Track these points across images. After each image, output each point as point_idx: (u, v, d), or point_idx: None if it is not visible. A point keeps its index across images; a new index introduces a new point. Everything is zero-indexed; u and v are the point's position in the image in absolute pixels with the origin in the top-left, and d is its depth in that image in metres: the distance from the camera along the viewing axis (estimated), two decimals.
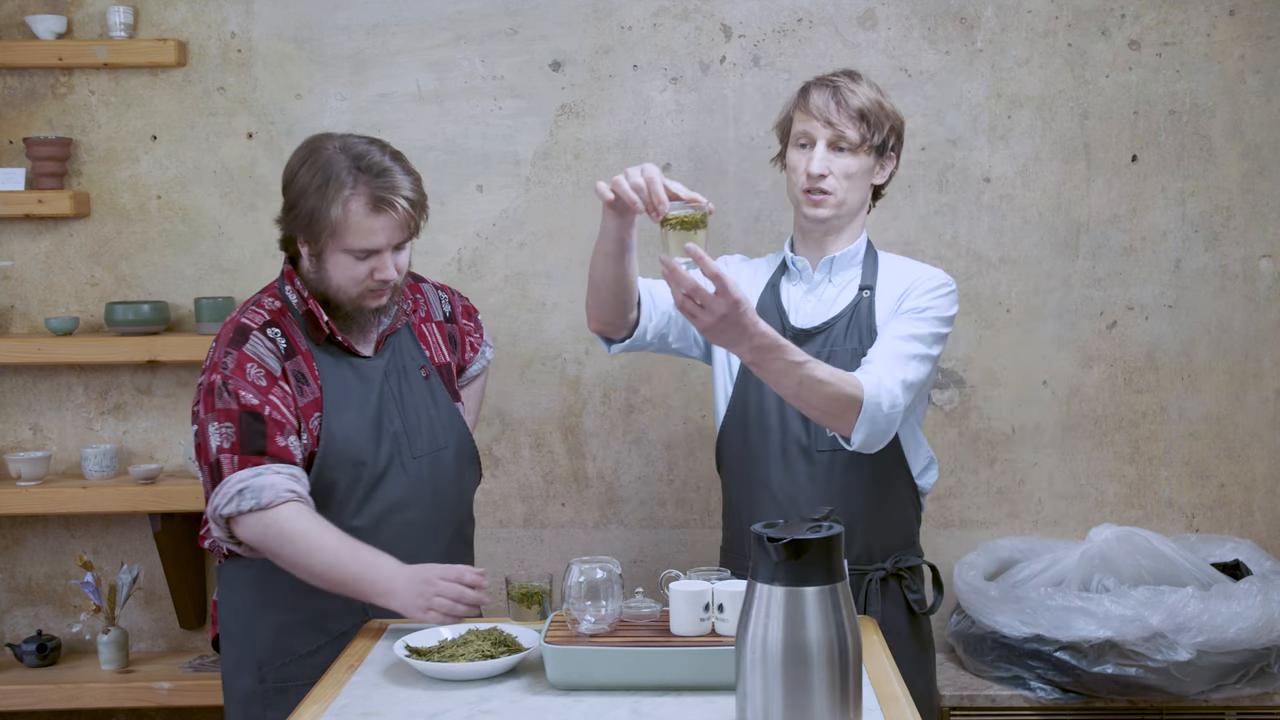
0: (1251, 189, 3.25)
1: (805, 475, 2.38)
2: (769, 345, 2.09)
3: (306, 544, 2.17)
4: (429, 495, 2.38)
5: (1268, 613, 2.78)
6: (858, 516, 2.38)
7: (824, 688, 1.61)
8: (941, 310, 2.37)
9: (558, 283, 3.30)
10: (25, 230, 3.32)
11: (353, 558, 2.17)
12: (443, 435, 2.41)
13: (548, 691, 1.93)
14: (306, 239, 2.29)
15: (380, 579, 2.15)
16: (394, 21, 3.27)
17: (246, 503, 2.18)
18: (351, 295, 2.30)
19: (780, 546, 1.61)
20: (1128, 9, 3.22)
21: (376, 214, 2.23)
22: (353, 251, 2.25)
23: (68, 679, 3.21)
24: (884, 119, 2.39)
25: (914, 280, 2.41)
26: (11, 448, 3.34)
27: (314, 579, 2.20)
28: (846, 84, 2.38)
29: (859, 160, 2.38)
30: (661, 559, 3.32)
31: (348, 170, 2.23)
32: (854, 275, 2.45)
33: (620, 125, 3.27)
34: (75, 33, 3.28)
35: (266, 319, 2.31)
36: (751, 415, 2.42)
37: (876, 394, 2.19)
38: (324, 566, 2.17)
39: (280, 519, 2.18)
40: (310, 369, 2.30)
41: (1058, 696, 2.90)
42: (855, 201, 2.42)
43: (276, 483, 2.19)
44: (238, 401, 2.22)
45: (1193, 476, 3.30)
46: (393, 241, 2.27)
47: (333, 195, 2.22)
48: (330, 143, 2.28)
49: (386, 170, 2.25)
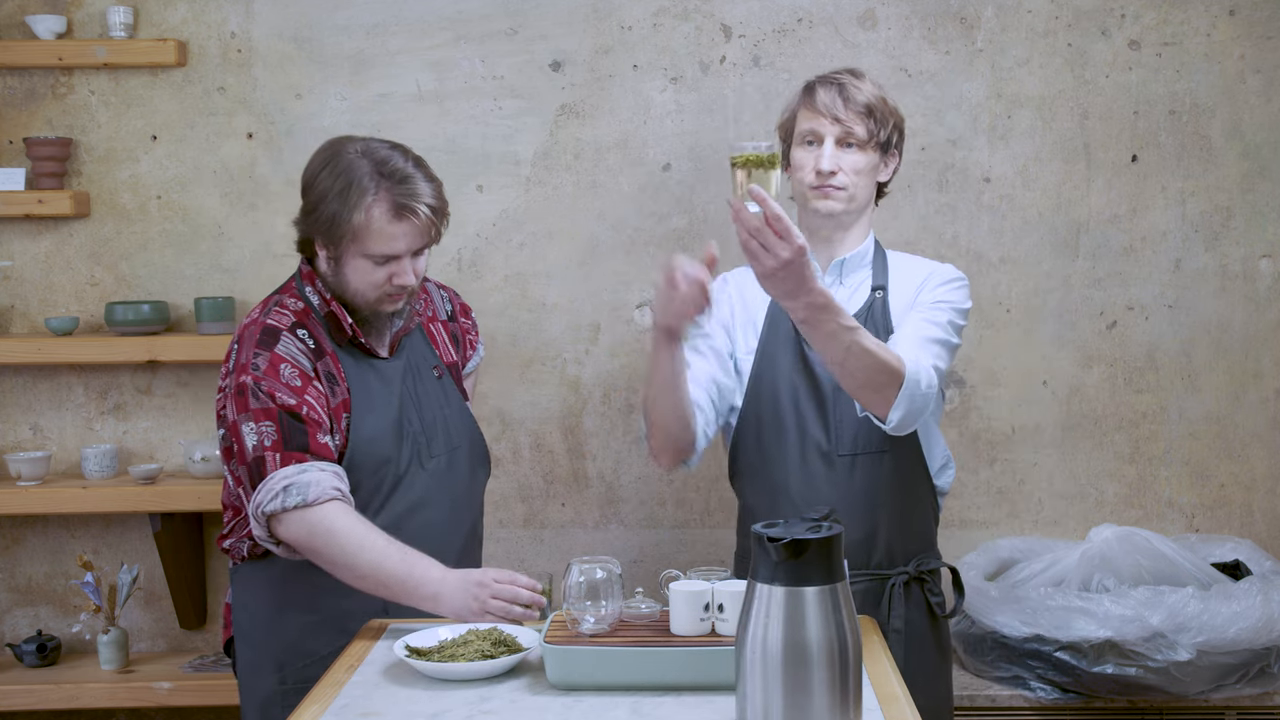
0: (1251, 189, 3.25)
1: (825, 480, 2.35)
2: (825, 303, 2.03)
3: (355, 543, 2.15)
4: (446, 494, 2.39)
5: (1268, 613, 2.78)
6: (880, 520, 2.36)
7: (824, 688, 1.61)
8: (958, 302, 2.37)
9: (558, 283, 3.30)
10: (25, 230, 3.32)
11: (400, 559, 2.16)
12: (456, 434, 2.42)
13: (548, 691, 1.92)
14: (326, 242, 2.28)
15: (429, 582, 2.15)
16: (394, 21, 3.27)
17: (292, 499, 2.16)
18: (369, 299, 2.30)
19: (780, 546, 1.61)
20: (1128, 9, 3.22)
21: (398, 221, 2.23)
22: (373, 257, 2.25)
23: (68, 679, 3.21)
24: (888, 115, 2.39)
25: (927, 275, 2.40)
26: (11, 448, 3.34)
27: (357, 579, 2.18)
28: (851, 80, 2.39)
29: (867, 156, 2.38)
30: (661, 559, 3.32)
31: (370, 176, 2.22)
32: (865, 276, 2.43)
33: (620, 125, 3.27)
34: (75, 33, 3.28)
35: (293, 320, 2.30)
36: (767, 421, 2.39)
37: (916, 371, 2.14)
38: (370, 567, 2.15)
39: (327, 516, 2.16)
40: (338, 369, 2.30)
41: (1058, 696, 2.90)
42: (864, 197, 2.41)
43: (322, 480, 2.18)
44: (274, 401, 2.21)
45: (1193, 476, 3.30)
46: (413, 248, 2.27)
47: (355, 201, 2.21)
48: (352, 146, 2.28)
49: (409, 177, 2.24)
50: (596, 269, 3.29)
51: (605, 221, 3.29)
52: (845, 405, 2.34)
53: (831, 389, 2.36)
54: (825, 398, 2.36)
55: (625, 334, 3.30)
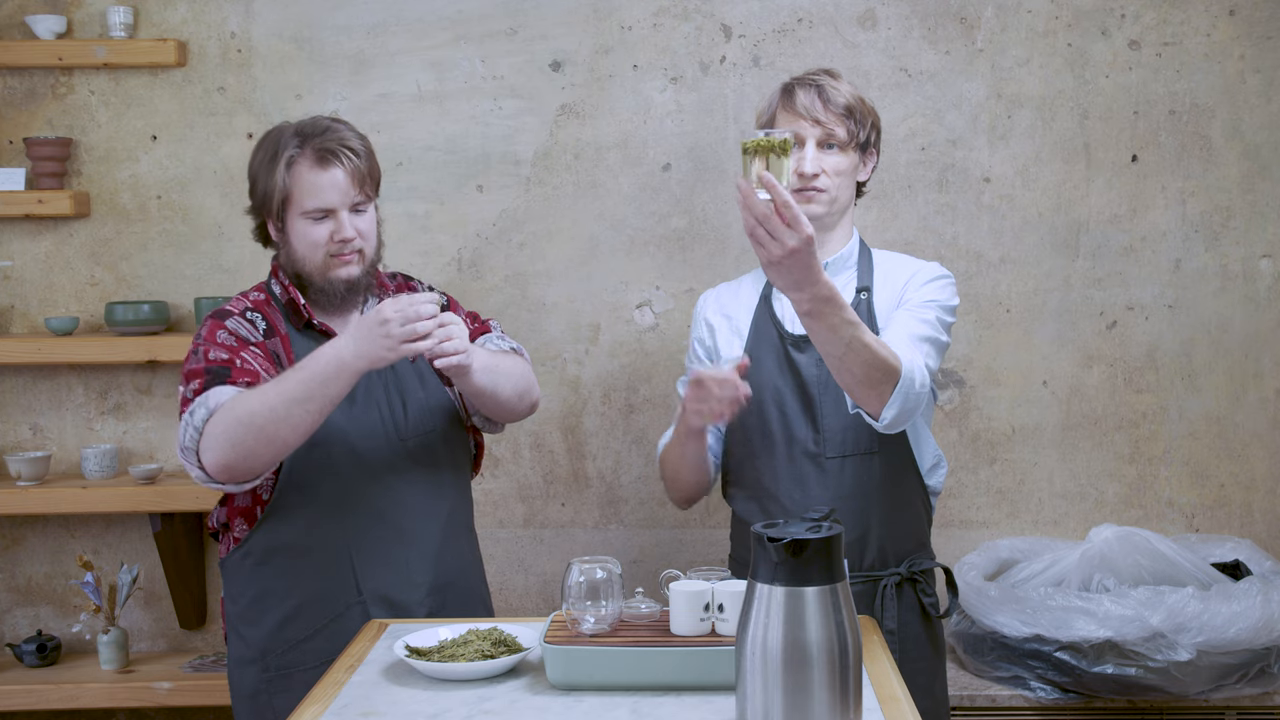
0: (1251, 189, 3.25)
1: (816, 483, 2.34)
2: (830, 295, 2.02)
3: (261, 397, 2.12)
4: (421, 477, 2.38)
5: (1268, 613, 2.78)
6: (871, 521, 2.36)
7: (824, 688, 1.61)
8: (945, 299, 2.36)
9: (558, 283, 3.30)
10: (25, 230, 3.32)
11: (297, 366, 2.14)
12: (432, 418, 2.42)
13: (548, 691, 1.93)
14: (271, 217, 2.34)
15: (332, 352, 2.12)
16: (394, 21, 3.27)
17: (199, 417, 2.15)
18: (317, 263, 2.31)
19: (780, 546, 1.61)
20: (1128, 9, 3.22)
21: (323, 168, 2.27)
22: (309, 214, 2.29)
23: (68, 679, 3.21)
24: (866, 114, 2.40)
25: (913, 274, 2.40)
26: (11, 448, 3.34)
27: (292, 415, 2.12)
28: (829, 81, 2.38)
29: (847, 158, 2.37)
30: (661, 559, 3.32)
31: (291, 135, 2.31)
32: (850, 278, 2.43)
33: (620, 125, 3.27)
34: (75, 33, 3.28)
35: (248, 305, 2.36)
36: (753, 427, 2.39)
37: (910, 369, 2.14)
38: (282, 396, 2.11)
39: (230, 406, 2.14)
40: (286, 351, 2.32)
41: (1058, 696, 2.90)
42: (845, 199, 2.41)
43: (223, 390, 2.18)
44: (205, 360, 2.24)
45: (1193, 476, 3.30)
46: (347, 199, 2.29)
47: (281, 161, 2.28)
48: (280, 125, 2.36)
49: (329, 128, 2.31)
50: (596, 269, 3.29)
51: (605, 221, 3.29)
52: (832, 407, 2.34)
53: (818, 391, 2.35)
54: (812, 400, 2.35)
55: (625, 334, 3.30)
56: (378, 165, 2.37)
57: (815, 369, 2.35)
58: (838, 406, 2.33)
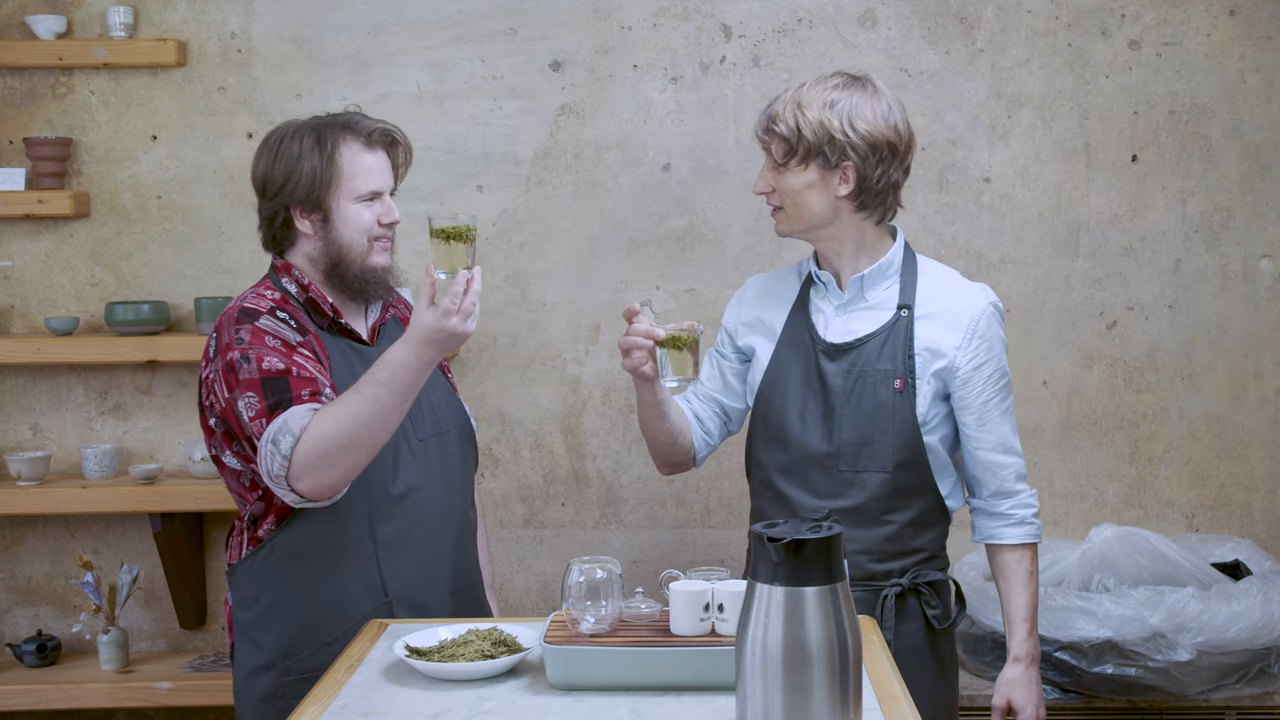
0: (1251, 189, 3.25)
1: (828, 493, 2.33)
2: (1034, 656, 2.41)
3: (351, 413, 2.10)
4: (439, 477, 2.38)
5: (1268, 613, 2.79)
6: (877, 533, 2.34)
7: (824, 688, 1.61)
8: (1002, 350, 2.40)
9: (558, 283, 3.30)
10: (25, 230, 3.32)
11: (370, 373, 2.13)
12: (444, 419, 2.42)
13: (548, 691, 1.92)
14: (311, 206, 2.30)
15: (410, 349, 2.11)
16: (394, 21, 3.27)
17: (285, 445, 2.11)
18: (363, 249, 2.32)
19: (780, 546, 1.61)
20: (1128, 9, 3.22)
21: (372, 151, 2.31)
22: (361, 197, 2.30)
23: (68, 679, 3.21)
24: (823, 132, 2.26)
25: (970, 327, 2.35)
26: (11, 448, 3.34)
27: (388, 424, 2.12)
28: (784, 99, 2.32)
29: (798, 175, 2.30)
30: (661, 559, 3.32)
31: (329, 125, 2.31)
32: (891, 291, 2.36)
33: (620, 125, 3.27)
34: (75, 33, 3.28)
35: (271, 304, 2.29)
36: (773, 428, 2.38)
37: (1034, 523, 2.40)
38: (381, 406, 2.10)
39: (321, 431, 2.10)
40: (321, 349, 2.29)
41: (1058, 696, 2.90)
42: (814, 214, 2.33)
43: (298, 411, 2.13)
44: (259, 369, 2.18)
45: (1193, 476, 3.30)
46: (389, 183, 2.35)
47: (330, 146, 2.28)
48: (289, 121, 2.36)
49: (359, 117, 2.35)
50: (596, 269, 3.29)
51: (605, 221, 3.29)
52: (850, 421, 2.31)
53: (840, 403, 2.32)
54: (833, 410, 2.33)
55: None
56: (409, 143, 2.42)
57: (842, 380, 2.32)
58: (856, 421, 2.31)
